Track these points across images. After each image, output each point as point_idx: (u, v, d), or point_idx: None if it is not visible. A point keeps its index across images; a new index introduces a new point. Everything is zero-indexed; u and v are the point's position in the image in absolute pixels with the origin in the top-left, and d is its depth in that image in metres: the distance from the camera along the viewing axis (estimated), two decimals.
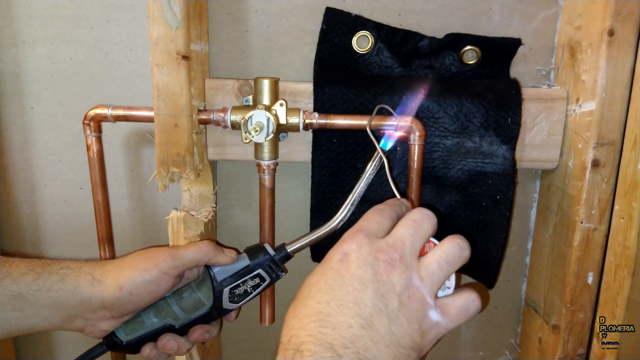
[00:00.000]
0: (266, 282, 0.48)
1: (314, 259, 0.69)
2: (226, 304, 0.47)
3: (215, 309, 0.47)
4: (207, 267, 0.48)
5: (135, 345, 0.47)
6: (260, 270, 0.48)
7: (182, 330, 0.48)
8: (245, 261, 0.48)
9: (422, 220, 0.39)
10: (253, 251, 0.49)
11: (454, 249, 0.39)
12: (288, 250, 0.49)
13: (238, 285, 0.47)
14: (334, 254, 0.38)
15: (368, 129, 0.52)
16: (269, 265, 0.48)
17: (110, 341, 0.47)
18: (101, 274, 0.45)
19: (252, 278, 0.47)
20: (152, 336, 0.47)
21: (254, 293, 0.48)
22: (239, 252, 0.50)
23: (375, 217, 0.40)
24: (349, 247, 0.37)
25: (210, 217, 0.61)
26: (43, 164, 0.70)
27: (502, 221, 0.61)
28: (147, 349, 0.48)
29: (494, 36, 0.64)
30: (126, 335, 0.46)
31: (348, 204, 0.49)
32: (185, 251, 0.46)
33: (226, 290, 0.47)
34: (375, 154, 0.49)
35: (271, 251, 0.49)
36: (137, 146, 0.69)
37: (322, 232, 0.49)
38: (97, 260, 0.48)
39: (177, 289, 0.48)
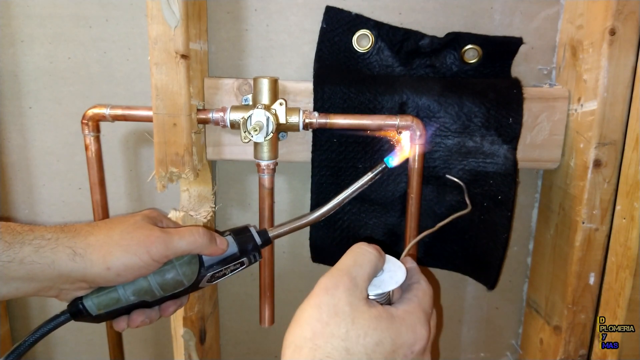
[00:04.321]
0: (244, 267, 0.50)
1: (314, 259, 0.68)
2: (203, 284, 0.48)
3: (191, 287, 0.47)
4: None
5: (104, 318, 0.46)
6: (244, 258, 0.49)
7: (154, 304, 0.47)
8: (233, 249, 0.48)
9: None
10: (241, 238, 0.49)
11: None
12: (270, 237, 0.51)
13: (220, 270, 0.48)
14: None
15: None
16: (253, 254, 0.49)
17: (76, 310, 0.45)
18: (84, 249, 0.42)
19: (234, 264, 0.49)
20: (125, 311, 0.46)
21: (230, 275, 0.49)
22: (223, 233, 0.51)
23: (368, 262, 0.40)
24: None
25: (209, 217, 0.61)
26: (41, 163, 0.69)
27: (504, 221, 0.61)
28: (122, 323, 0.47)
29: (495, 35, 0.63)
30: (97, 310, 0.45)
31: (335, 200, 0.51)
32: (179, 241, 0.45)
33: (208, 275, 0.47)
34: (380, 164, 0.49)
35: (257, 239, 0.50)
36: (135, 146, 0.69)
37: (303, 222, 0.52)
38: (74, 226, 0.45)
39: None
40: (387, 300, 0.40)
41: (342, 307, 0.35)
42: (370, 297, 0.39)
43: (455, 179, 0.59)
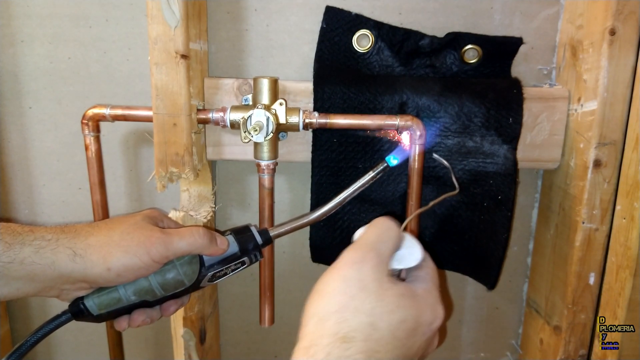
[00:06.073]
0: (245, 266, 0.50)
1: (314, 259, 0.68)
2: (204, 283, 0.48)
3: (192, 287, 0.48)
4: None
5: (105, 318, 0.47)
6: (245, 258, 0.49)
7: (155, 303, 0.48)
8: (234, 248, 0.49)
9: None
10: (242, 238, 0.49)
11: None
12: (271, 236, 0.51)
13: (221, 270, 0.48)
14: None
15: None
16: (254, 253, 0.49)
17: (77, 310, 0.45)
18: (84, 249, 0.43)
19: (235, 264, 0.49)
20: (126, 310, 0.47)
21: (231, 274, 0.49)
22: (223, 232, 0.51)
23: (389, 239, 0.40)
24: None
25: (209, 217, 0.61)
26: (41, 164, 0.69)
27: (504, 221, 0.61)
28: (123, 323, 0.47)
29: (495, 35, 0.63)
30: (98, 310, 0.45)
31: (336, 199, 0.52)
32: (179, 242, 0.45)
33: (209, 275, 0.48)
34: (380, 163, 0.50)
35: (258, 238, 0.50)
36: (135, 146, 0.69)
37: (303, 222, 0.52)
38: (74, 227, 0.45)
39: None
40: (397, 275, 0.41)
41: (368, 283, 0.35)
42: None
43: (441, 159, 0.58)
